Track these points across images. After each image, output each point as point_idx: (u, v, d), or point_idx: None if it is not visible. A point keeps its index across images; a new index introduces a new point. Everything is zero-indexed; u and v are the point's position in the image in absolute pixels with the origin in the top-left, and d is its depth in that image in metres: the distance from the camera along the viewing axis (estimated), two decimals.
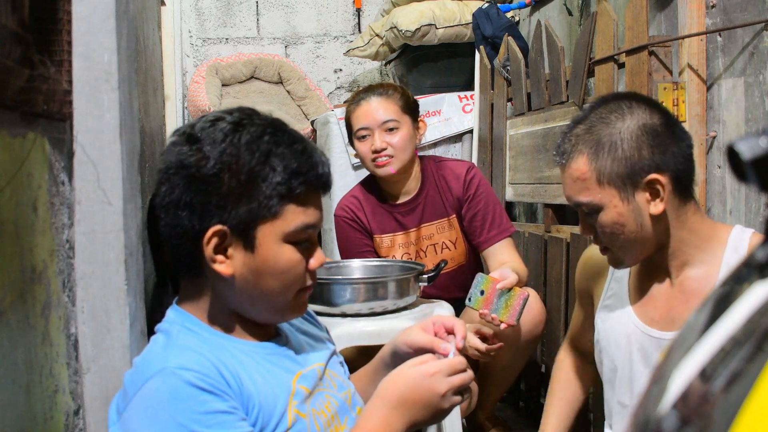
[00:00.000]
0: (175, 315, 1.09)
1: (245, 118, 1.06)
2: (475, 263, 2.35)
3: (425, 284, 1.90)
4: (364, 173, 2.44)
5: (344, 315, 1.73)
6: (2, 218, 1.05)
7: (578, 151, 1.33)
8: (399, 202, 2.28)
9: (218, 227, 1.01)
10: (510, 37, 2.83)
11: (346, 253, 2.28)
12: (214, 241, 1.02)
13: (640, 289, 1.45)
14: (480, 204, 2.24)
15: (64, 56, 1.29)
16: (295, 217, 1.04)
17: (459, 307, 2.27)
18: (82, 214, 1.30)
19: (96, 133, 1.30)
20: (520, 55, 2.72)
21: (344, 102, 4.00)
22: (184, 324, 1.07)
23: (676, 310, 1.39)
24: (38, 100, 1.16)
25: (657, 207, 1.31)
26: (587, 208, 1.35)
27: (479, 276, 1.96)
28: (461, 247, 2.30)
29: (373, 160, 2.18)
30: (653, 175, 1.29)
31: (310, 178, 1.04)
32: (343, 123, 3.22)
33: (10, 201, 1.08)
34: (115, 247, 1.31)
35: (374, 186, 2.31)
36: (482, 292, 1.91)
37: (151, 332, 1.14)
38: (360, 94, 2.27)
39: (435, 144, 3.28)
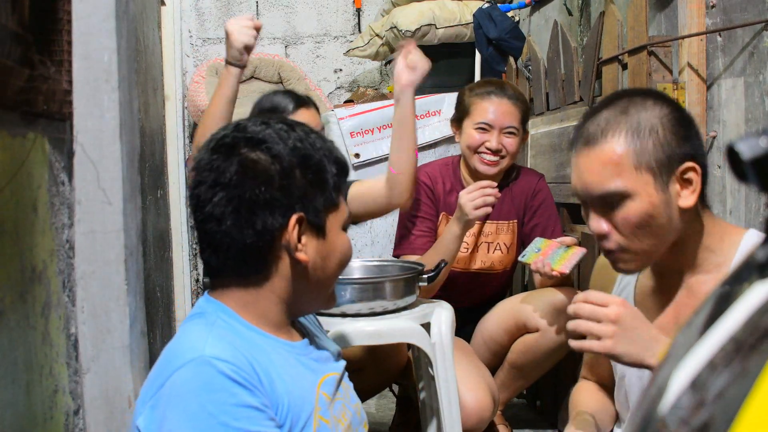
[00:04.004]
0: (208, 305, 1.10)
1: (285, 120, 1.15)
2: (513, 273, 2.42)
3: (425, 284, 1.90)
4: (365, 173, 2.44)
5: (344, 315, 1.73)
6: (2, 218, 1.05)
7: (613, 132, 1.22)
8: None
9: (300, 215, 1.08)
10: (530, 37, 2.85)
11: (405, 213, 2.28)
12: (297, 229, 1.08)
13: (646, 294, 1.41)
14: (543, 216, 2.29)
15: (64, 56, 1.29)
16: (345, 207, 1.16)
17: (481, 313, 2.28)
18: (82, 214, 1.30)
19: (96, 133, 1.30)
20: (540, 55, 2.73)
21: (344, 102, 3.99)
22: (219, 315, 1.08)
23: (683, 316, 1.33)
24: (38, 100, 1.16)
25: (688, 199, 1.23)
26: (615, 198, 1.23)
27: (538, 237, 2.03)
28: (513, 254, 2.33)
29: (479, 152, 2.19)
30: (689, 163, 1.22)
31: (347, 172, 1.16)
32: (342, 123, 3.23)
33: (10, 201, 1.08)
34: (115, 247, 1.31)
35: (458, 169, 2.33)
36: (539, 250, 1.95)
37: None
38: (492, 86, 2.23)
39: (435, 144, 3.27)
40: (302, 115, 2.02)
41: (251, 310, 1.09)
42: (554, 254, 1.91)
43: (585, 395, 1.60)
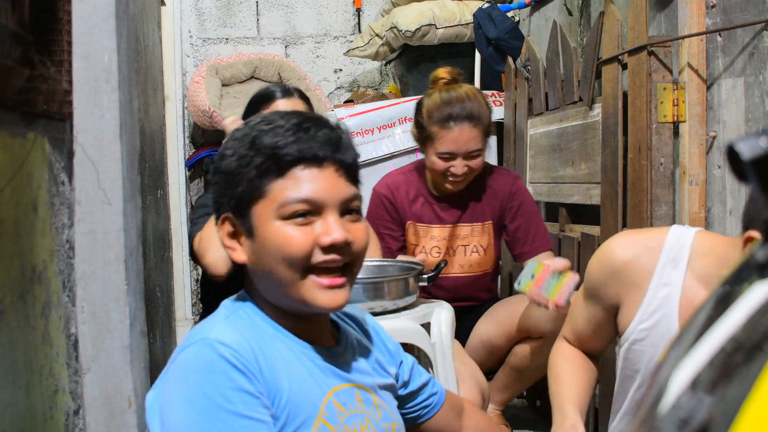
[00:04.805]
0: (237, 296, 1.15)
1: (245, 129, 1.11)
2: (497, 273, 2.40)
3: (425, 284, 1.90)
4: (365, 173, 2.42)
5: None
6: (2, 218, 1.05)
7: None
8: (443, 196, 2.29)
9: (224, 214, 1.09)
10: (529, 37, 2.85)
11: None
12: (226, 228, 1.09)
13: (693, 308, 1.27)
14: (524, 216, 2.27)
15: (64, 56, 1.29)
16: (281, 192, 1.04)
17: (476, 314, 2.27)
18: (82, 214, 1.30)
19: (96, 133, 1.30)
20: (539, 55, 2.73)
21: (344, 102, 3.99)
22: (242, 307, 1.11)
23: None
24: (38, 100, 1.16)
25: None
26: None
27: (531, 262, 2.02)
28: (490, 254, 2.32)
29: (445, 175, 2.17)
30: None
31: (292, 153, 1.04)
32: (342, 123, 3.22)
33: (10, 201, 1.08)
34: (115, 247, 1.31)
35: (424, 174, 2.31)
36: (533, 276, 1.94)
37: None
38: (452, 113, 2.12)
39: None
40: (282, 105, 2.03)
41: (266, 305, 1.11)
42: (548, 283, 1.90)
43: (570, 371, 1.52)
